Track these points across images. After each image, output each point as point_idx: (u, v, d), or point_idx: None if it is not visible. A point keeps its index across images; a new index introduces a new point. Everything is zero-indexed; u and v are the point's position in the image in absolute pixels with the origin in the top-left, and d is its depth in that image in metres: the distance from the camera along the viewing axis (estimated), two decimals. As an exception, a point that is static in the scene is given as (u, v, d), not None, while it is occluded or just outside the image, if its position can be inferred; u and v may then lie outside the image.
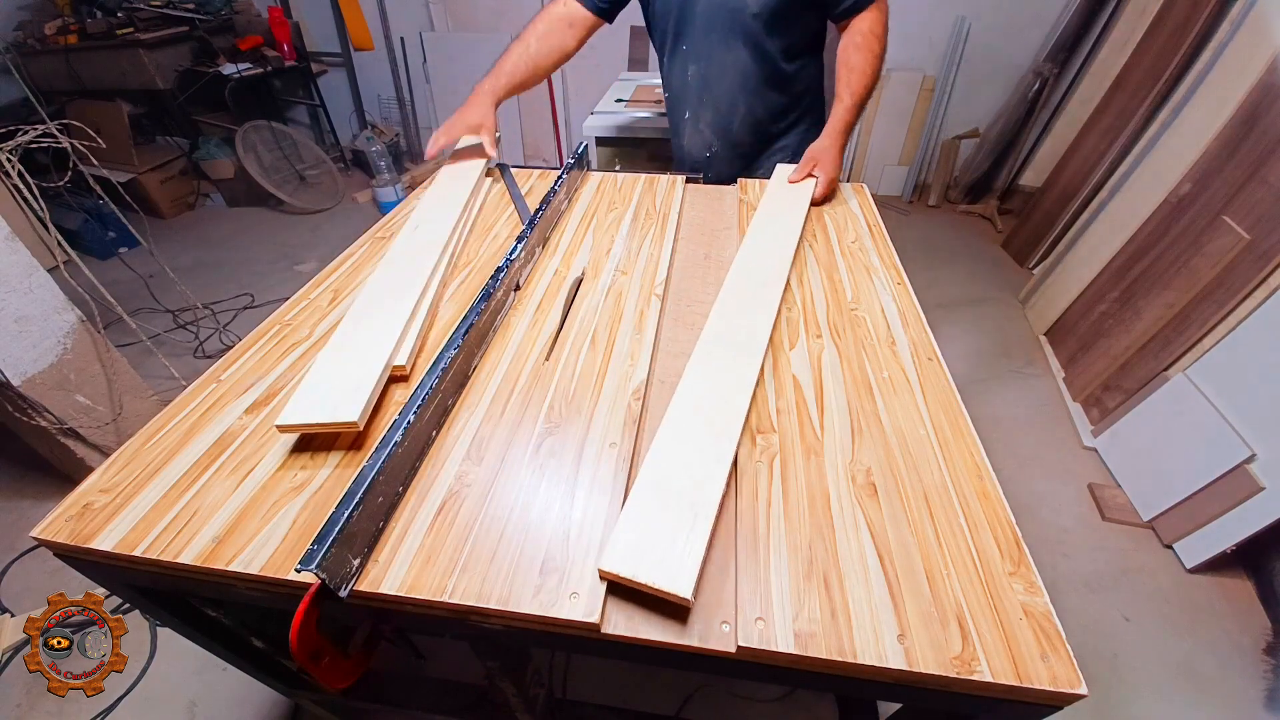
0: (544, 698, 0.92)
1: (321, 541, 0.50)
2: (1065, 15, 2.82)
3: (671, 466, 0.63)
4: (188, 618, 0.81)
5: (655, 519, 0.57)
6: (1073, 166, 2.64)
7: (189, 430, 0.71)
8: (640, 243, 1.08)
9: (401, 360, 0.78)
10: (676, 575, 0.52)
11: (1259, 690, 1.34)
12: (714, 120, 1.38)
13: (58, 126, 1.65)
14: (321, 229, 3.39)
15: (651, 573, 0.52)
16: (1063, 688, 0.47)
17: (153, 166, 3.35)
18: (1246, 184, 1.63)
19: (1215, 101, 1.81)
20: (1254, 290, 1.52)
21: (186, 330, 2.52)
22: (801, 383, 0.77)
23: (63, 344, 1.55)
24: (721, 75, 1.30)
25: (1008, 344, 2.38)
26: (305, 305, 0.94)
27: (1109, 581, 1.56)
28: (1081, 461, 1.87)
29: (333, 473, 0.65)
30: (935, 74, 3.20)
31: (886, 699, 0.56)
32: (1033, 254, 2.80)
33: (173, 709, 1.33)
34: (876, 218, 1.18)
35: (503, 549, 0.57)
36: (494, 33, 3.62)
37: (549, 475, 0.65)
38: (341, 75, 3.95)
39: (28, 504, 1.79)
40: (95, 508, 0.62)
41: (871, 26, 1.17)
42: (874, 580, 0.54)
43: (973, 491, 0.63)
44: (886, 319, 0.89)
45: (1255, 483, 1.41)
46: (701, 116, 1.39)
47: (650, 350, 0.82)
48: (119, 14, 3.15)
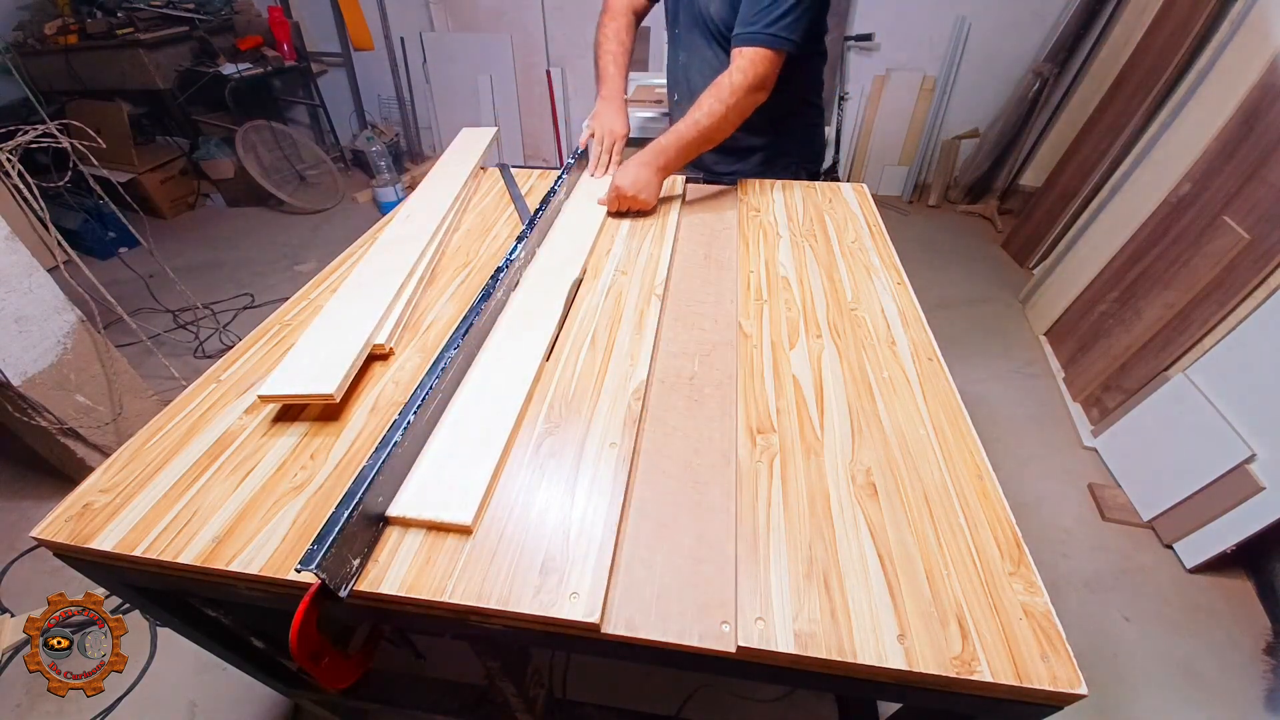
0: (544, 698, 0.92)
1: (321, 541, 0.50)
2: (1065, 15, 2.82)
3: (467, 423, 0.69)
4: (188, 618, 0.81)
5: (446, 465, 0.64)
6: (1073, 166, 2.64)
7: (189, 430, 0.71)
8: (640, 243, 1.08)
9: (382, 339, 0.81)
10: (460, 507, 0.59)
11: (1259, 690, 1.34)
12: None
13: (58, 126, 1.65)
14: (321, 229, 3.39)
15: (437, 510, 0.59)
16: (1063, 688, 0.47)
17: (153, 166, 3.35)
18: (1246, 184, 1.63)
19: (1215, 101, 1.81)
20: (1254, 290, 1.52)
21: (186, 330, 2.52)
22: (801, 383, 0.77)
23: (63, 344, 1.55)
24: (700, 68, 1.31)
25: (1008, 344, 2.38)
26: (305, 305, 0.94)
27: (1109, 581, 1.56)
28: (1081, 461, 1.87)
29: (333, 472, 0.65)
30: (935, 74, 3.20)
31: (886, 699, 0.56)
32: (1033, 254, 2.80)
33: (173, 709, 1.33)
34: (876, 218, 1.18)
35: (503, 549, 0.57)
36: (494, 33, 3.62)
37: (549, 475, 0.65)
38: (341, 75, 3.94)
39: (28, 504, 1.79)
40: (95, 508, 0.62)
41: (733, 76, 1.08)
42: (874, 580, 0.54)
43: (973, 491, 0.63)
44: (886, 319, 0.89)
45: (1255, 483, 1.41)
46: (683, 105, 1.40)
47: (650, 350, 0.82)
48: (119, 14, 3.15)
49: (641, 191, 1.13)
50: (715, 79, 1.12)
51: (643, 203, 1.15)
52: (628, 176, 1.13)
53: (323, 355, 0.75)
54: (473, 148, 1.36)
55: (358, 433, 0.70)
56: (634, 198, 1.13)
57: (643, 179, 1.13)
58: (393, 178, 3.48)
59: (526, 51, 3.66)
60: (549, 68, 3.68)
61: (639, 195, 1.13)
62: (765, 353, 0.82)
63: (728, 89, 1.09)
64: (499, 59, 3.68)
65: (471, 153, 1.34)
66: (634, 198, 1.13)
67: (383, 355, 0.82)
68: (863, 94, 3.33)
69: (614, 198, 1.14)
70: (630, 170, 1.14)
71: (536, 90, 3.79)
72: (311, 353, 0.76)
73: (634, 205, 1.15)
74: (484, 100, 3.82)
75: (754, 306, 0.92)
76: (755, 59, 1.07)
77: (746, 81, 1.08)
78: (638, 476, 0.66)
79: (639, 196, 1.13)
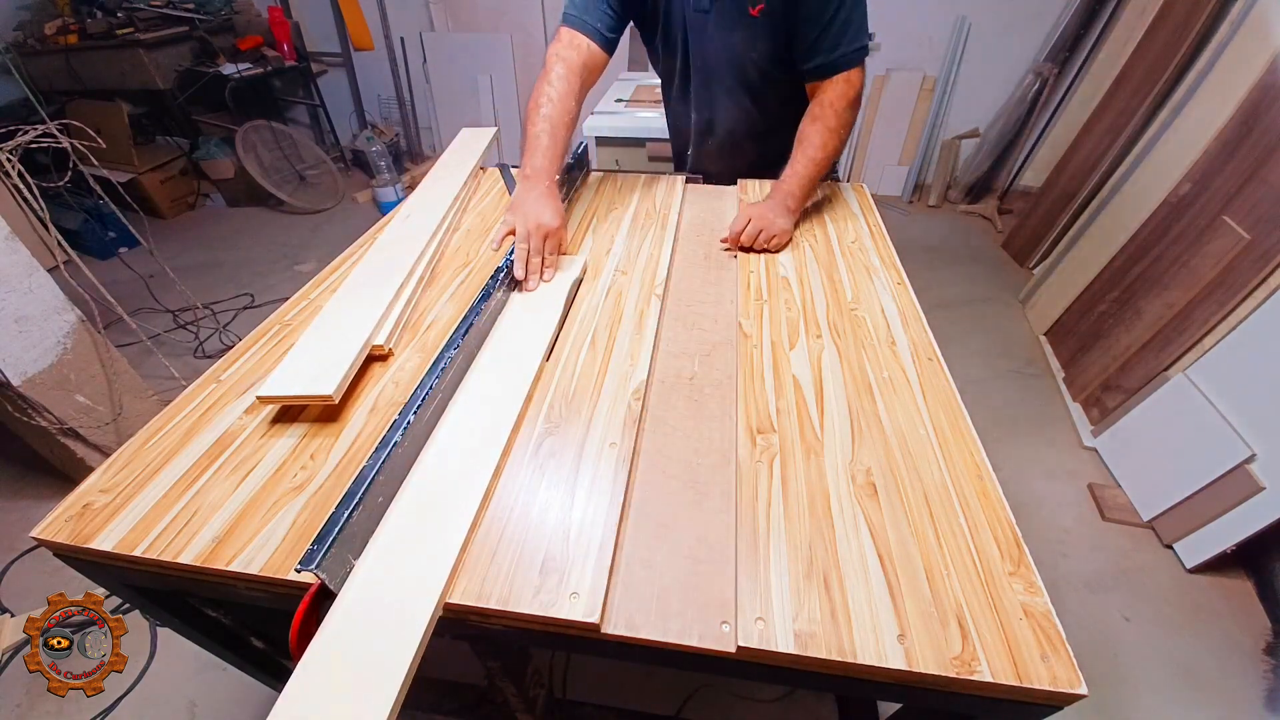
0: (544, 698, 0.92)
1: (321, 541, 0.50)
2: (1065, 15, 2.82)
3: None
4: (188, 618, 0.81)
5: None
6: (1073, 166, 2.64)
7: (189, 430, 0.71)
8: (640, 243, 1.08)
9: (380, 340, 0.81)
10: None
11: (1259, 690, 1.34)
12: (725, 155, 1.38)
13: (58, 126, 1.65)
14: (321, 229, 3.39)
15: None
16: (1063, 688, 0.47)
17: (153, 166, 3.35)
18: (1246, 184, 1.63)
19: (1215, 101, 1.81)
20: (1254, 290, 1.52)
21: (186, 330, 2.52)
22: (801, 383, 0.77)
23: (63, 344, 1.55)
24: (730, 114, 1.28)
25: (1008, 344, 2.37)
26: (305, 305, 0.94)
27: (1109, 581, 1.55)
28: (1081, 461, 1.87)
29: (332, 473, 0.65)
30: (935, 74, 3.20)
31: (886, 699, 0.56)
32: (1033, 254, 2.80)
33: (173, 709, 1.33)
34: (876, 218, 1.18)
35: (503, 549, 0.57)
36: (494, 33, 3.62)
37: (549, 475, 0.65)
38: (341, 75, 3.94)
39: (28, 504, 1.79)
40: (95, 508, 0.62)
41: (833, 100, 1.09)
42: (874, 580, 0.54)
43: (973, 491, 0.63)
44: (886, 319, 0.89)
45: (1255, 483, 1.41)
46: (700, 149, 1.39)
47: (650, 350, 0.82)
48: (119, 14, 3.15)
49: (780, 239, 1.08)
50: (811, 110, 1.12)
51: (776, 248, 1.09)
52: (772, 228, 1.07)
53: (321, 356, 0.76)
54: (473, 147, 1.36)
55: (357, 433, 0.70)
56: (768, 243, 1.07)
57: (785, 227, 1.08)
58: (393, 178, 3.48)
59: (526, 51, 3.66)
60: (549, 68, 3.68)
61: (778, 242, 1.08)
62: (765, 353, 0.82)
63: (833, 115, 1.10)
64: (499, 59, 3.68)
65: (471, 153, 1.34)
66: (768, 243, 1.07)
67: (382, 356, 0.82)
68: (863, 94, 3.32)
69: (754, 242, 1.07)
70: (772, 221, 1.07)
71: (536, 90, 3.79)
72: (310, 353, 0.77)
73: (766, 248, 1.09)
74: (484, 100, 3.82)
75: (754, 306, 0.92)
76: (851, 79, 1.10)
77: (849, 103, 1.10)
78: (638, 476, 0.66)
79: (777, 243, 1.08)
